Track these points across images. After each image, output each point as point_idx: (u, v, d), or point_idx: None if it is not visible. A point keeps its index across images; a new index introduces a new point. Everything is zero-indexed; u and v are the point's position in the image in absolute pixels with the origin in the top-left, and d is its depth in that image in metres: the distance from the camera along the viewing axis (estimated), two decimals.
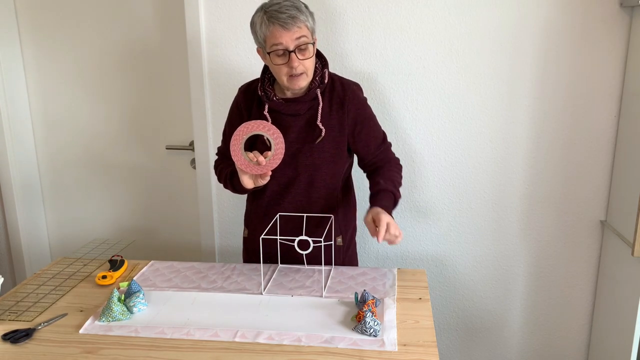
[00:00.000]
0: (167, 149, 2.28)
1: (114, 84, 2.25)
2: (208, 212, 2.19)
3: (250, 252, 1.76)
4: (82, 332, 1.32)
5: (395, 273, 1.63)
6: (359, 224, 1.79)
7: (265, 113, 1.57)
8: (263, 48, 1.49)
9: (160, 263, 1.72)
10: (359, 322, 1.30)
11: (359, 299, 1.41)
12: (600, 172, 1.96)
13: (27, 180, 2.37)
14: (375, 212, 1.46)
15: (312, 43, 1.47)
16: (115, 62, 2.22)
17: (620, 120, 1.89)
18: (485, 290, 2.14)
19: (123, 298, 1.41)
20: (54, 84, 2.29)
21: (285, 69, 1.47)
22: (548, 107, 1.93)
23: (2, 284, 1.73)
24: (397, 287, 1.54)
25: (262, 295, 1.48)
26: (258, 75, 1.99)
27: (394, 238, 1.43)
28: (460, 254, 2.11)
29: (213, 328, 1.32)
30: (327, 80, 1.57)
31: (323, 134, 1.56)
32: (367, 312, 1.29)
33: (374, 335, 1.27)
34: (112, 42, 2.20)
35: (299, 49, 1.44)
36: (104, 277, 1.58)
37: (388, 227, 1.41)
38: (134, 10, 2.15)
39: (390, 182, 1.57)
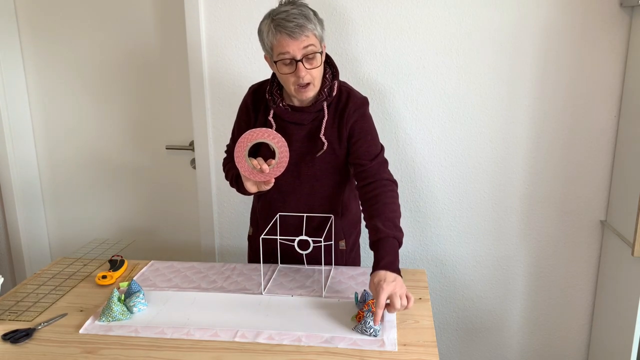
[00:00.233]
0: (167, 149, 2.28)
1: (114, 84, 2.25)
2: (208, 212, 2.19)
3: (255, 251, 1.77)
4: (82, 332, 1.32)
5: None
6: (363, 226, 1.79)
7: (270, 118, 1.55)
8: (270, 56, 1.46)
9: (160, 263, 1.72)
10: (359, 322, 1.30)
11: (359, 299, 1.41)
12: (600, 172, 1.96)
13: (27, 180, 2.37)
14: (377, 280, 1.32)
15: (319, 52, 1.43)
16: (116, 62, 2.22)
17: (620, 120, 1.89)
18: (485, 290, 2.14)
19: (123, 298, 1.41)
20: (54, 85, 2.29)
21: (293, 78, 1.44)
22: (548, 107, 1.93)
23: (2, 284, 1.73)
24: None
25: (262, 295, 1.48)
26: (257, 75, 2.00)
27: (402, 308, 1.30)
28: (460, 254, 2.11)
29: (213, 328, 1.32)
30: (335, 93, 1.53)
31: (325, 148, 1.53)
32: (367, 312, 1.29)
33: (374, 335, 1.27)
34: (112, 42, 2.20)
35: (307, 58, 1.41)
36: (104, 277, 1.58)
37: (392, 300, 1.29)
38: (135, 11, 2.15)
39: (390, 222, 1.43)
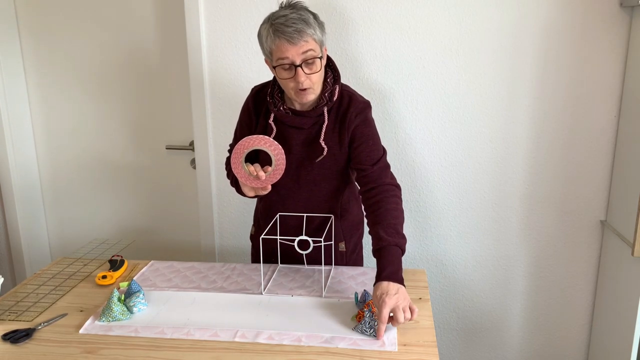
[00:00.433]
0: (167, 149, 2.28)
1: (114, 85, 2.25)
2: (208, 212, 2.19)
3: (258, 250, 1.77)
4: (82, 332, 1.32)
5: None
6: (366, 228, 1.79)
7: (270, 122, 1.54)
8: (270, 60, 1.46)
9: (160, 263, 1.72)
10: (359, 322, 1.30)
11: (359, 299, 1.41)
12: (600, 172, 1.96)
13: (27, 181, 2.37)
14: (379, 294, 1.30)
15: (319, 57, 1.42)
16: (116, 62, 2.22)
17: (620, 120, 1.89)
18: (485, 290, 2.14)
19: (123, 298, 1.41)
20: (54, 85, 2.29)
21: (292, 83, 1.43)
22: (548, 107, 1.93)
23: (2, 284, 1.73)
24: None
25: (262, 295, 1.48)
26: (258, 76, 2.00)
27: (405, 321, 1.27)
28: (460, 254, 2.11)
29: (213, 328, 1.32)
30: (336, 98, 1.52)
31: (325, 153, 1.52)
32: (367, 312, 1.29)
33: (374, 335, 1.27)
34: (112, 42, 2.20)
35: (306, 63, 1.40)
36: (104, 277, 1.58)
37: (395, 314, 1.26)
38: (135, 11, 2.15)
39: (392, 229, 1.41)
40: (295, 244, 1.46)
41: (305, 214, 1.60)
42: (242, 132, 1.63)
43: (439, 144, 2.01)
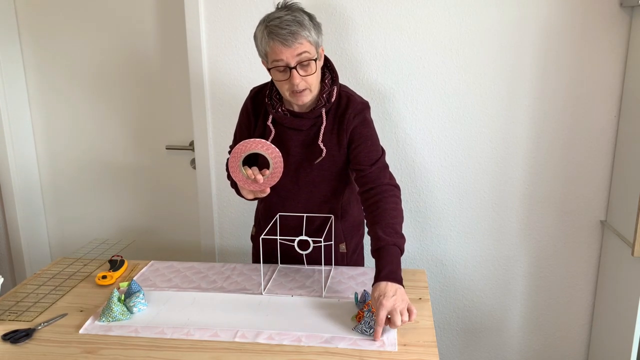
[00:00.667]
0: (167, 149, 2.28)
1: (115, 85, 2.25)
2: (208, 212, 2.19)
3: (258, 250, 1.77)
4: (82, 332, 1.32)
5: None
6: (366, 228, 1.79)
7: (269, 124, 1.54)
8: (266, 62, 1.45)
9: (160, 263, 1.72)
10: (359, 322, 1.30)
11: (359, 299, 1.41)
12: (600, 172, 1.96)
13: (27, 181, 2.37)
14: (377, 295, 1.29)
15: (314, 59, 1.41)
16: (116, 62, 2.22)
17: (620, 120, 1.89)
18: (485, 290, 2.14)
19: (123, 298, 1.41)
20: (54, 85, 2.29)
21: (287, 85, 1.42)
22: (548, 107, 1.93)
23: (2, 284, 1.73)
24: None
25: (262, 295, 1.48)
26: (257, 76, 2.00)
27: (403, 323, 1.26)
28: (460, 254, 2.11)
29: (213, 328, 1.32)
30: (334, 99, 1.51)
31: (323, 155, 1.52)
32: (367, 312, 1.30)
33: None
34: (112, 42, 2.20)
35: (301, 65, 1.39)
36: (104, 277, 1.58)
37: (392, 317, 1.25)
38: (135, 11, 2.15)
39: (390, 229, 1.40)
40: (295, 244, 1.46)
41: (305, 214, 1.60)
42: (241, 133, 1.63)
43: (439, 144, 2.01)
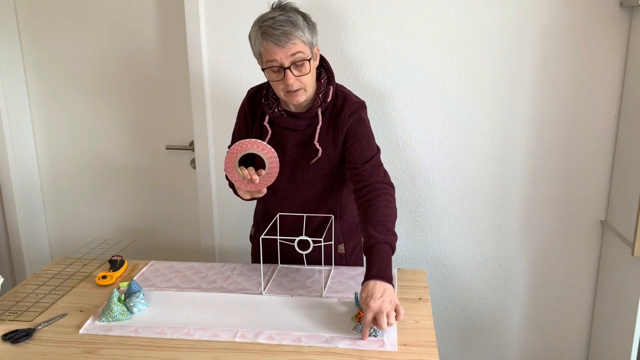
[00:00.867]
0: (167, 149, 2.28)
1: (115, 84, 2.24)
2: (208, 212, 2.19)
3: (257, 251, 1.78)
4: (82, 332, 1.32)
5: (395, 273, 1.63)
6: None
7: (265, 124, 1.54)
8: (260, 62, 1.45)
9: (160, 263, 1.72)
10: (359, 322, 1.30)
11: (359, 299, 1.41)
12: (600, 172, 1.96)
13: (27, 180, 2.37)
14: (365, 296, 1.28)
15: (309, 59, 1.40)
16: (116, 62, 2.22)
17: (620, 120, 1.89)
18: (485, 290, 2.14)
19: (123, 298, 1.41)
20: (54, 85, 2.29)
21: (282, 85, 1.42)
22: (548, 107, 1.93)
23: (2, 284, 1.73)
24: (397, 287, 1.54)
25: (262, 295, 1.48)
26: (257, 76, 2.00)
27: (389, 326, 1.26)
28: (460, 254, 2.11)
29: (213, 328, 1.32)
30: (330, 98, 1.51)
31: (319, 155, 1.52)
32: None
33: (374, 335, 1.27)
34: (112, 42, 2.20)
35: (295, 65, 1.39)
36: (104, 277, 1.58)
37: (377, 319, 1.25)
38: (135, 11, 2.15)
39: (382, 226, 1.39)
40: (295, 244, 1.46)
41: (305, 214, 1.60)
42: (239, 134, 1.63)
43: (439, 144, 2.01)
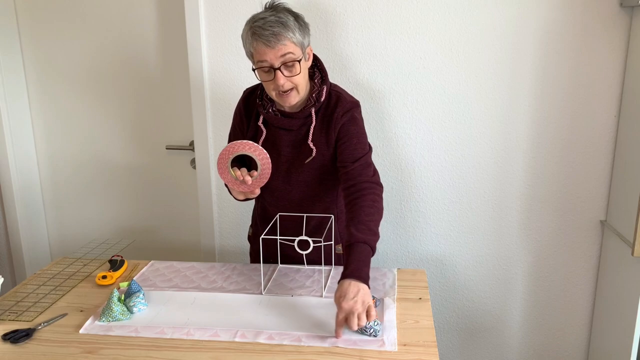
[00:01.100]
0: (167, 149, 2.28)
1: (115, 84, 2.25)
2: (208, 212, 2.19)
3: (255, 251, 1.78)
4: (82, 332, 1.32)
5: (395, 273, 1.63)
6: None
7: (260, 124, 1.55)
8: (252, 62, 1.45)
9: (160, 263, 1.72)
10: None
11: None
12: (600, 172, 1.96)
13: (27, 180, 2.37)
14: (338, 295, 1.28)
15: (299, 60, 1.40)
16: (116, 62, 2.22)
17: (620, 120, 1.89)
18: (485, 290, 2.14)
19: (123, 298, 1.41)
20: (54, 85, 2.29)
21: (272, 85, 1.42)
22: (548, 107, 1.93)
23: (2, 284, 1.73)
24: (397, 287, 1.54)
25: (262, 295, 1.48)
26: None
27: (359, 327, 1.26)
28: (460, 254, 2.11)
29: (213, 328, 1.32)
30: (323, 98, 1.51)
31: (314, 154, 1.52)
32: None
33: (374, 335, 1.27)
34: (112, 42, 2.20)
35: (285, 66, 1.39)
36: (104, 277, 1.58)
37: (348, 320, 1.25)
38: (135, 11, 2.15)
39: (363, 226, 1.38)
40: (295, 244, 1.46)
41: (305, 214, 1.60)
42: (235, 135, 1.64)
43: (439, 144, 2.01)
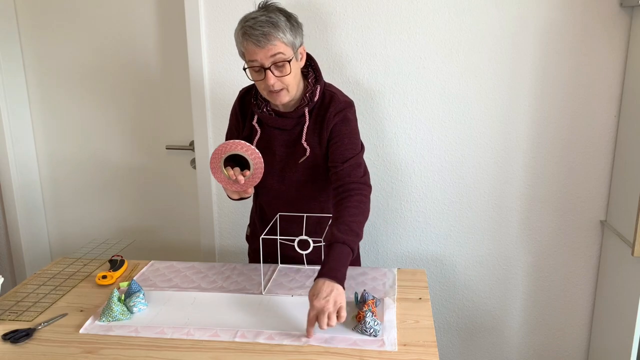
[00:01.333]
0: (167, 149, 2.28)
1: (115, 84, 2.25)
2: (208, 212, 2.19)
3: (253, 251, 1.78)
4: (82, 332, 1.32)
5: (395, 273, 1.63)
6: (365, 229, 1.78)
7: (254, 124, 1.55)
8: (244, 62, 1.45)
9: (160, 263, 1.72)
10: (359, 322, 1.30)
11: (359, 299, 1.41)
12: (600, 172, 1.96)
13: (27, 180, 2.37)
14: (311, 294, 1.29)
15: (289, 60, 1.39)
16: (116, 62, 2.22)
17: (620, 121, 1.89)
18: (485, 290, 2.14)
19: (123, 298, 1.41)
20: (54, 85, 2.29)
21: (263, 85, 1.42)
22: (548, 107, 1.93)
23: (2, 284, 1.73)
24: (397, 287, 1.54)
25: (262, 295, 1.48)
26: None
27: (329, 327, 1.26)
28: (460, 254, 2.11)
29: (213, 328, 1.32)
30: (317, 98, 1.50)
31: (307, 154, 1.52)
32: (367, 312, 1.30)
33: (374, 335, 1.27)
34: (113, 42, 2.20)
35: (276, 66, 1.39)
36: (104, 277, 1.58)
37: (318, 319, 1.25)
38: (135, 11, 2.15)
39: (345, 226, 1.37)
40: (295, 244, 1.46)
41: (305, 214, 1.60)
42: (231, 134, 1.65)
43: (439, 144, 2.01)
